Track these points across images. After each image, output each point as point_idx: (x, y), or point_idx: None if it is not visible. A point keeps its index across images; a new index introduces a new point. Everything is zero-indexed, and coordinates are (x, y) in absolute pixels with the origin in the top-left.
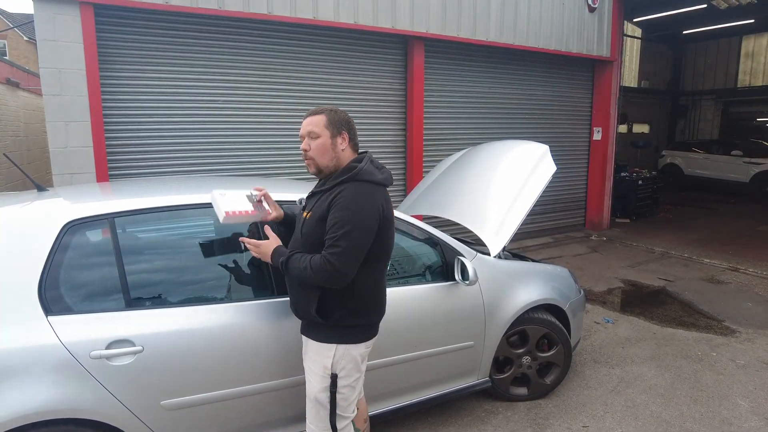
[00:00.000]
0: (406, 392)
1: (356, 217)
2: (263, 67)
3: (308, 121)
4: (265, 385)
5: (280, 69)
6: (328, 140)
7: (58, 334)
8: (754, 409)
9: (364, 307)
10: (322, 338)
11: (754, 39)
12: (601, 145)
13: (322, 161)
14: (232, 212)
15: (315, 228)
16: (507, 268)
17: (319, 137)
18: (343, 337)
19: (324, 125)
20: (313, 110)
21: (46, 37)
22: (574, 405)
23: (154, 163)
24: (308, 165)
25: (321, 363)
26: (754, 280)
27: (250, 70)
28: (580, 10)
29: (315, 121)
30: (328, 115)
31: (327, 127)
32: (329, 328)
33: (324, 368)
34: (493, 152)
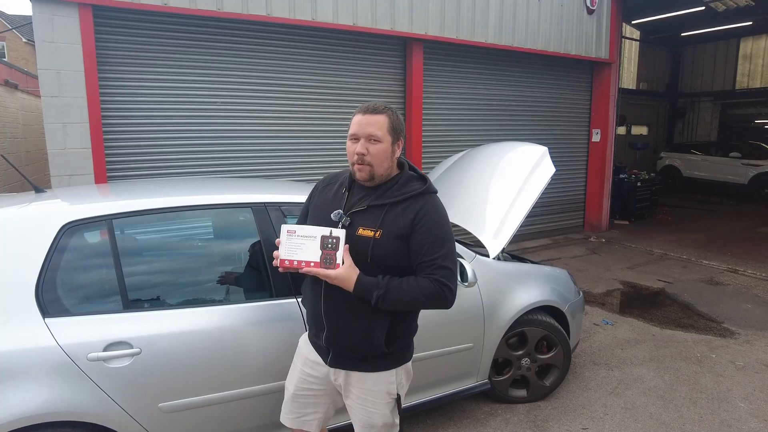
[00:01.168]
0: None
1: (449, 234)
2: (262, 68)
3: (368, 121)
4: (264, 388)
5: (279, 70)
6: (389, 147)
7: (56, 336)
8: (754, 411)
9: (416, 323)
10: (382, 367)
11: (752, 41)
12: (600, 147)
13: (380, 169)
14: (289, 262)
15: (393, 248)
16: (506, 269)
17: (381, 142)
18: (403, 358)
19: (387, 129)
20: (371, 107)
21: (45, 38)
22: (573, 407)
23: (152, 165)
24: (359, 170)
25: (385, 391)
26: (753, 281)
27: (249, 71)
28: (579, 12)
29: (378, 123)
30: (390, 117)
31: (389, 131)
32: (389, 355)
33: (389, 395)
34: (492, 154)
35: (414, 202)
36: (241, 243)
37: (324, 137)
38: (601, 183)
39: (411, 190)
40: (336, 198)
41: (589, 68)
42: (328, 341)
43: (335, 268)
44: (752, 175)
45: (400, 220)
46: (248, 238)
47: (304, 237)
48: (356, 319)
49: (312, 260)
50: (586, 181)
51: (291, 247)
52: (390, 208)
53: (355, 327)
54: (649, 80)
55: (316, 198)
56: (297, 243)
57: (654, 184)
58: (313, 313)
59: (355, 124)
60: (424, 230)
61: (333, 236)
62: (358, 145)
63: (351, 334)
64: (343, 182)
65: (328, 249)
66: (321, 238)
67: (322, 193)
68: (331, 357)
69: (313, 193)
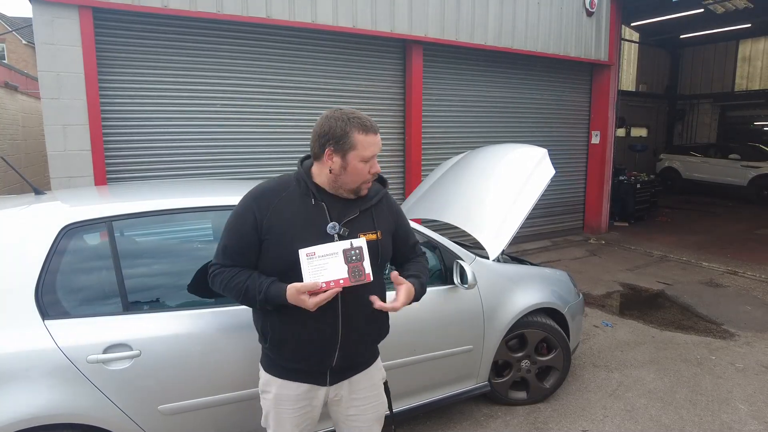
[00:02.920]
0: (404, 396)
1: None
2: (261, 70)
3: (380, 141)
4: None
5: (278, 72)
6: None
7: (55, 339)
8: (754, 413)
9: None
10: (376, 356)
11: (750, 43)
12: (600, 149)
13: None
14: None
15: (389, 244)
16: (506, 271)
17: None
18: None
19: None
20: (375, 127)
21: (45, 40)
22: (573, 409)
23: (152, 167)
24: (366, 188)
25: (380, 377)
26: (753, 283)
27: (249, 73)
28: (578, 14)
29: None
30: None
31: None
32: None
33: (382, 379)
34: (491, 155)
35: (386, 200)
36: None
37: None
38: (600, 185)
39: (379, 190)
40: (311, 211)
41: (588, 70)
42: (340, 360)
43: (366, 279)
44: (752, 176)
45: (386, 218)
46: None
47: (325, 256)
48: (374, 320)
49: (341, 277)
50: (585, 183)
51: (314, 270)
52: (374, 209)
53: (372, 328)
54: (648, 82)
55: (275, 221)
56: (319, 264)
57: (653, 186)
58: (319, 340)
59: (374, 146)
60: (401, 220)
61: (355, 247)
62: (375, 165)
63: (366, 339)
64: (303, 193)
65: (353, 262)
66: (343, 253)
67: (280, 212)
68: (332, 376)
69: (262, 218)
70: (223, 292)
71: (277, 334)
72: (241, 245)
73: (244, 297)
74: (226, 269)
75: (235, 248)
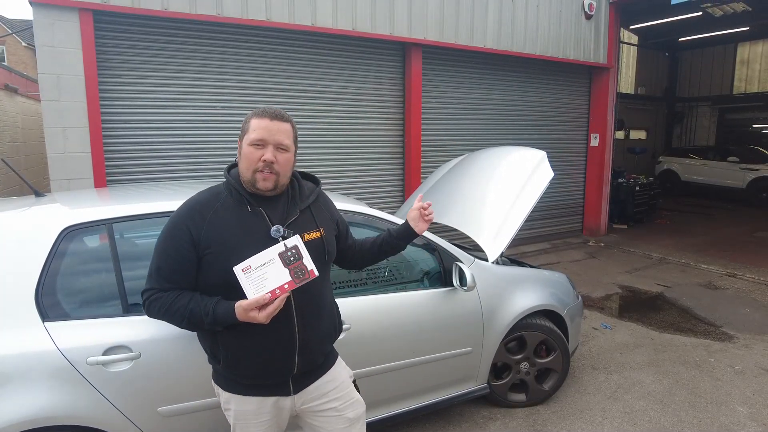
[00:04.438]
0: (403, 399)
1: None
2: (261, 72)
3: (277, 128)
4: None
5: (278, 75)
6: (293, 156)
7: (55, 340)
8: (753, 415)
9: None
10: (335, 355)
11: (749, 46)
12: (599, 151)
13: (284, 179)
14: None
15: (333, 240)
16: (505, 273)
17: (288, 152)
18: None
19: (292, 138)
20: (277, 113)
21: (45, 42)
22: (572, 411)
23: (152, 169)
24: (265, 179)
25: (347, 375)
26: (752, 285)
27: (249, 75)
28: (577, 17)
29: (286, 131)
30: (293, 125)
31: (294, 141)
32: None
33: (350, 376)
34: (490, 158)
35: (321, 197)
36: None
37: (323, 141)
38: (599, 187)
39: (313, 189)
40: (249, 218)
41: (587, 73)
42: (301, 366)
43: (311, 275)
44: (750, 179)
45: (325, 215)
46: None
47: (262, 266)
48: (327, 318)
49: (284, 282)
50: (584, 186)
51: (255, 283)
52: (312, 207)
53: (326, 327)
54: (647, 85)
55: (212, 233)
56: (259, 276)
57: (652, 189)
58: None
59: (262, 129)
60: (340, 216)
61: (290, 247)
62: (267, 152)
63: (323, 339)
64: (238, 201)
65: (293, 262)
66: (280, 257)
67: (216, 223)
68: (294, 384)
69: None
70: (163, 318)
71: (232, 352)
72: (179, 263)
73: (189, 321)
74: (164, 294)
75: (173, 267)
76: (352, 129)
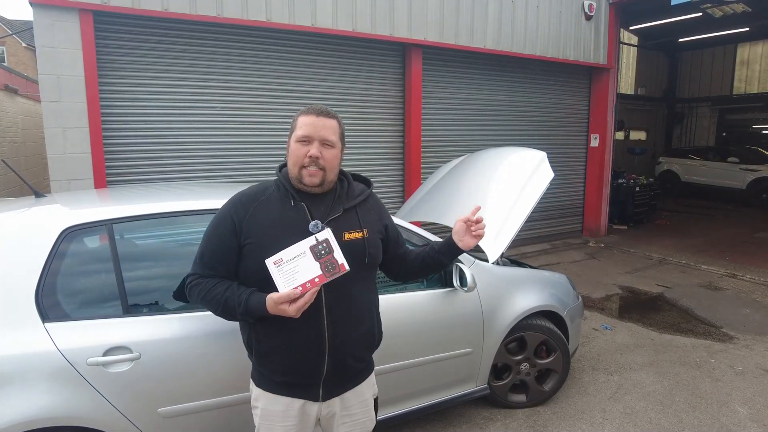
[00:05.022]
0: (403, 399)
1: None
2: (261, 73)
3: (323, 124)
4: None
5: (278, 75)
6: (340, 153)
7: (55, 341)
8: (753, 416)
9: None
10: (368, 372)
11: (749, 47)
12: (599, 152)
13: (331, 175)
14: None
15: (377, 243)
16: (505, 274)
17: (334, 148)
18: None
19: (339, 135)
20: (323, 110)
21: (45, 43)
22: (572, 412)
23: (152, 170)
24: (311, 175)
25: (371, 395)
26: (752, 286)
27: (249, 76)
28: (577, 18)
29: (332, 128)
30: (340, 122)
31: (341, 137)
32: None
33: (373, 396)
34: (491, 159)
35: (371, 199)
36: None
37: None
38: (599, 188)
39: (363, 190)
40: (291, 213)
41: (587, 73)
42: (331, 368)
43: (341, 269)
44: (750, 180)
45: (373, 217)
46: None
47: (293, 259)
48: (363, 323)
49: (315, 276)
50: (584, 186)
51: (286, 276)
52: (359, 208)
53: (362, 332)
54: (647, 85)
55: (254, 224)
56: (290, 269)
57: (652, 189)
58: (305, 348)
59: (308, 126)
60: (391, 222)
61: (321, 241)
62: (312, 147)
63: (357, 344)
64: (283, 195)
65: (323, 256)
66: (311, 250)
67: (259, 215)
68: (324, 389)
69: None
70: (201, 304)
71: (263, 345)
72: (221, 252)
73: (223, 310)
74: (204, 280)
75: (215, 255)
76: (352, 130)
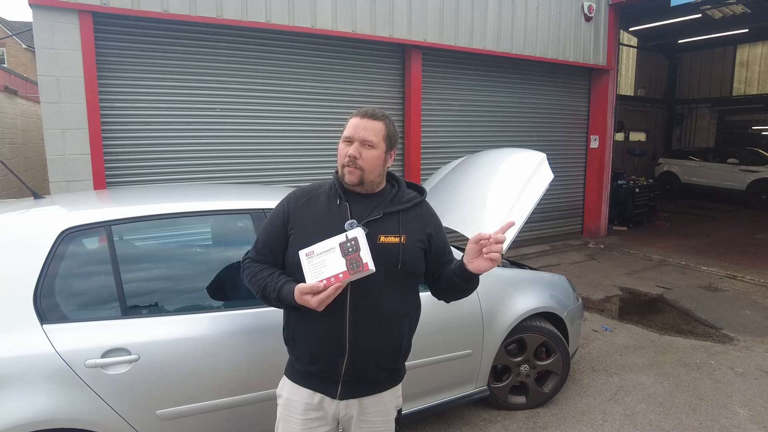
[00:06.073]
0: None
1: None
2: (260, 75)
3: (364, 125)
4: (264, 394)
5: (278, 77)
6: (382, 154)
7: (53, 343)
8: (753, 418)
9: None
10: (394, 382)
11: (748, 48)
12: (598, 153)
13: (371, 175)
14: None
15: (416, 252)
16: (505, 276)
17: (375, 148)
18: (404, 367)
19: (383, 136)
20: (369, 112)
21: (45, 44)
22: (572, 413)
23: (151, 171)
24: (350, 173)
25: (393, 406)
26: (752, 287)
27: (248, 77)
28: (577, 19)
29: (374, 129)
30: (387, 125)
31: (384, 139)
32: (400, 367)
33: (395, 409)
34: (490, 160)
35: (420, 208)
36: (240, 249)
37: (322, 143)
38: (599, 189)
39: (414, 197)
40: (334, 210)
41: (587, 75)
42: (351, 368)
43: (365, 268)
44: (750, 181)
45: (416, 226)
46: (247, 245)
47: (323, 253)
48: (389, 329)
49: (339, 271)
50: (584, 188)
51: (314, 269)
52: (403, 214)
53: (387, 339)
54: (646, 87)
55: (300, 216)
56: (319, 262)
57: (652, 190)
58: (326, 342)
59: (351, 127)
60: (438, 234)
61: (351, 239)
62: (352, 147)
63: (380, 350)
64: (332, 194)
65: (350, 253)
66: (340, 246)
67: (306, 209)
68: (343, 388)
69: (290, 212)
70: (248, 285)
71: (292, 333)
72: (271, 239)
73: (262, 294)
74: (254, 264)
75: (266, 242)
76: None
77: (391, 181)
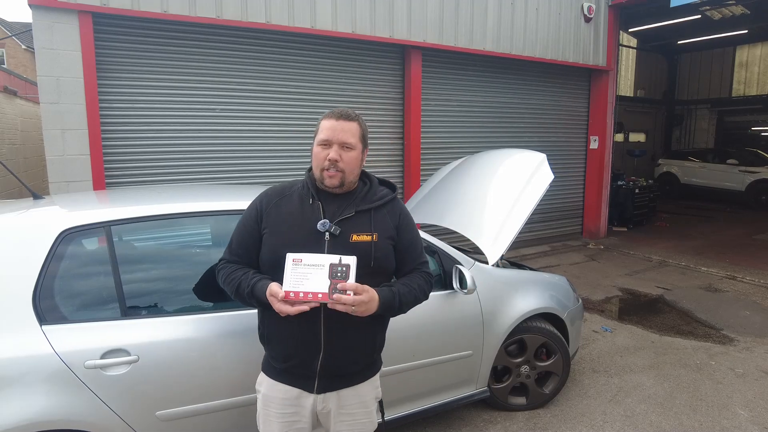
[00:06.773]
0: (403, 402)
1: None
2: (261, 75)
3: (341, 127)
4: None
5: (277, 77)
6: (360, 154)
7: (52, 344)
8: (754, 419)
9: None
10: (371, 374)
11: (747, 49)
12: (598, 154)
13: (351, 176)
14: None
15: (387, 250)
16: (505, 276)
17: (353, 149)
18: (380, 358)
19: (359, 137)
20: (343, 113)
21: (44, 45)
22: (572, 414)
23: (151, 172)
24: (331, 177)
25: (373, 397)
26: (752, 288)
27: (248, 78)
28: (576, 20)
29: (351, 130)
30: (361, 123)
31: (361, 139)
32: (376, 360)
33: (375, 399)
34: (490, 160)
35: (392, 205)
36: None
37: None
38: (599, 190)
39: (386, 195)
40: (306, 209)
41: (586, 76)
42: (326, 365)
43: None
44: (749, 182)
45: (387, 223)
46: None
47: (311, 266)
48: (362, 326)
49: (319, 291)
50: (584, 188)
51: (296, 278)
52: (375, 212)
53: (360, 339)
54: (646, 87)
55: (273, 215)
56: (303, 272)
57: (652, 191)
58: (300, 341)
59: (328, 130)
60: (407, 231)
61: (343, 264)
62: (332, 151)
63: (354, 349)
64: (304, 193)
65: (336, 278)
66: (330, 267)
67: (279, 208)
68: (320, 383)
69: (263, 211)
70: (223, 286)
71: (267, 331)
72: (245, 239)
73: (236, 292)
74: (229, 265)
75: (240, 242)
76: None
77: (364, 179)
